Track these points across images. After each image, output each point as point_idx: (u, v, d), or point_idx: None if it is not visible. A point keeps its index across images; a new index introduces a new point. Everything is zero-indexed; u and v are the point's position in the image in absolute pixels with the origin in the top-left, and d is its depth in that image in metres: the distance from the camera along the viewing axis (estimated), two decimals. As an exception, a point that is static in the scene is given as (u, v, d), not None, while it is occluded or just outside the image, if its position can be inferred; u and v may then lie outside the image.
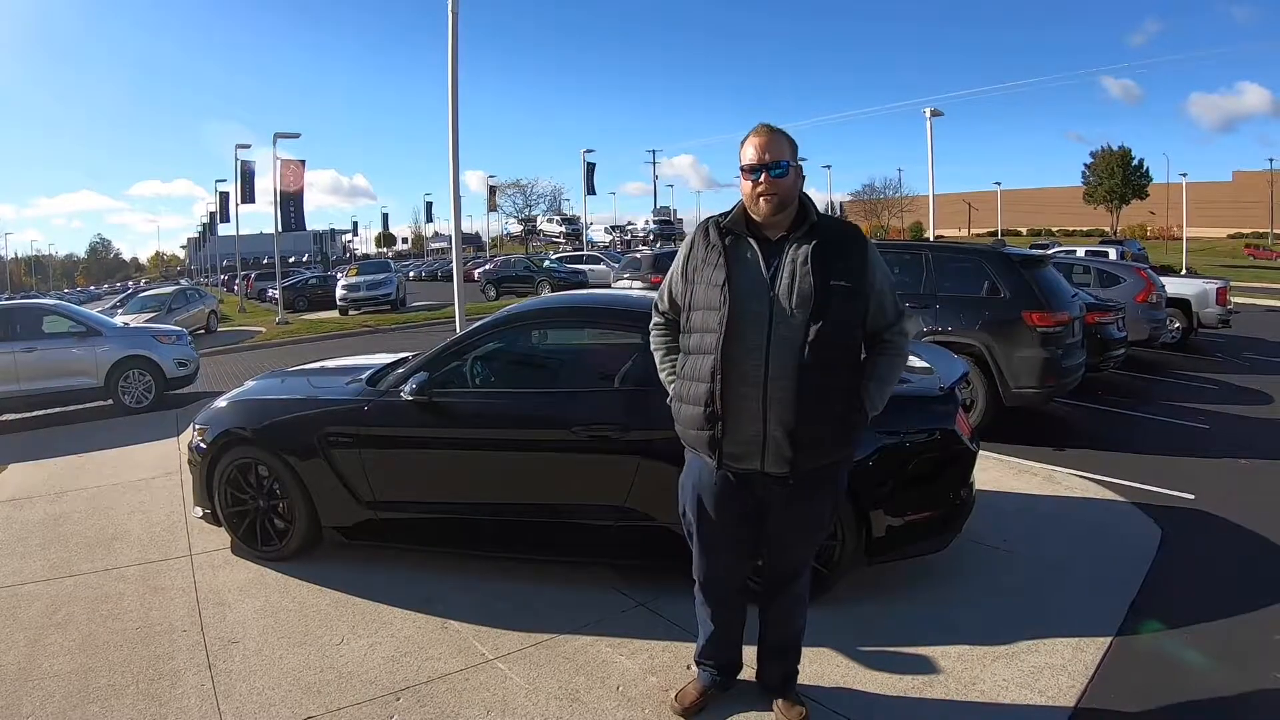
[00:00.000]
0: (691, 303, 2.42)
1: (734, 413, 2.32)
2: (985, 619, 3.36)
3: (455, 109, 9.83)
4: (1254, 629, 3.34)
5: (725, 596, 2.66)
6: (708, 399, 2.34)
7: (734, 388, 2.30)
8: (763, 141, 2.34)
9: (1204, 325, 13.04)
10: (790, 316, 2.27)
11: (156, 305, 20.14)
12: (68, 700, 2.90)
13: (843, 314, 2.31)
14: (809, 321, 2.26)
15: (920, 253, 7.62)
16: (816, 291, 2.26)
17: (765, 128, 2.38)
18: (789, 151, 2.36)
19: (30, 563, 4.25)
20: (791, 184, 2.35)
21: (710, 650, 2.73)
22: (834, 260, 2.31)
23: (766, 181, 2.31)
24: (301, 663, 3.12)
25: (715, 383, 2.31)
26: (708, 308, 2.35)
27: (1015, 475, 5.44)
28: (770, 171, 2.31)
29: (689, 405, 2.41)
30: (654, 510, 3.45)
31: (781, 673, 2.73)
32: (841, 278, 2.30)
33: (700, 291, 2.38)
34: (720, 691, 2.75)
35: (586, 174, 37.12)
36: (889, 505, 3.42)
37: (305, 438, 3.90)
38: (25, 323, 9.28)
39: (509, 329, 4.14)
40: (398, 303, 24.63)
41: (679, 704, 2.72)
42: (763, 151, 2.33)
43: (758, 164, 2.32)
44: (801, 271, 2.28)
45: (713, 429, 2.35)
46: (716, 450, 2.37)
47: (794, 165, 2.36)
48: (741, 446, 2.35)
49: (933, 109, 22.06)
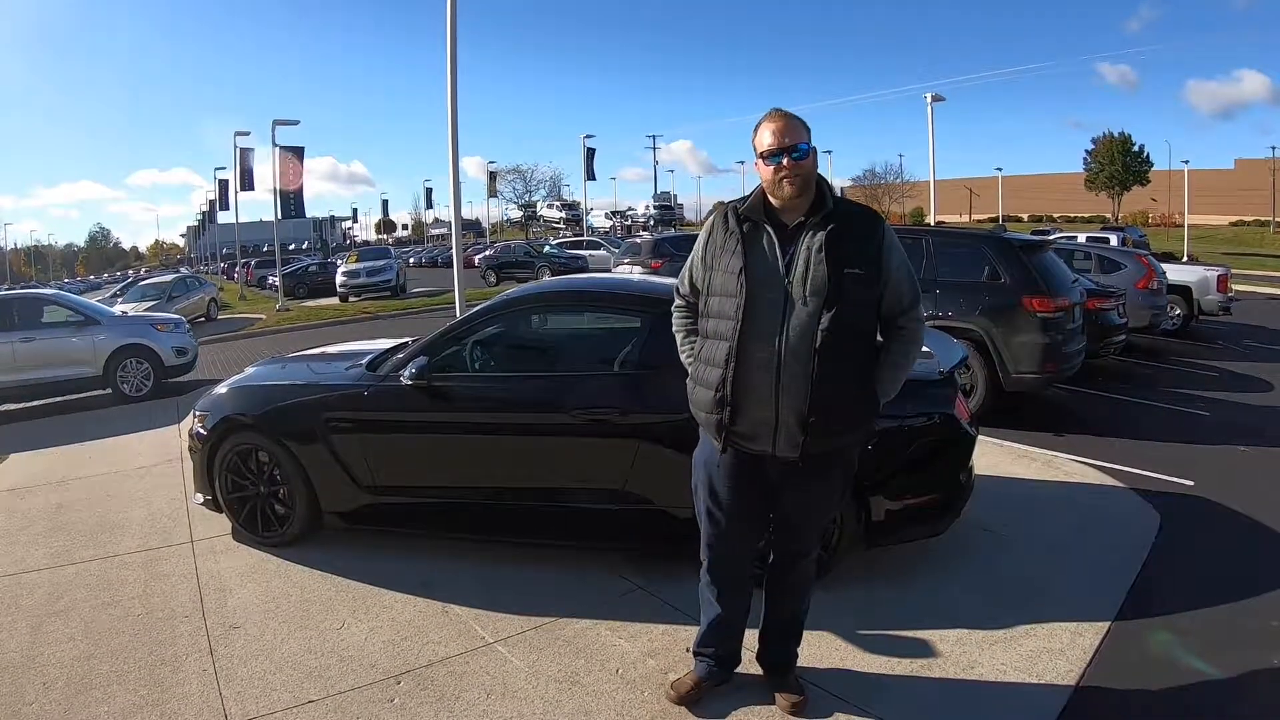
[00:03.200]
0: (710, 288, 2.44)
1: (746, 397, 2.34)
2: (984, 603, 3.37)
3: (454, 94, 9.79)
4: (1252, 615, 3.35)
5: (732, 578, 2.66)
6: (719, 384, 2.36)
7: (748, 373, 2.33)
8: (780, 126, 2.35)
9: (1204, 312, 13.01)
10: (804, 304, 2.29)
11: (156, 294, 20.15)
12: (70, 687, 2.91)
13: (856, 301, 2.32)
14: (822, 309, 2.28)
15: (921, 238, 7.58)
16: (830, 279, 2.28)
17: (780, 112, 2.39)
18: (806, 134, 2.37)
19: (32, 551, 4.26)
20: (811, 166, 2.37)
21: (711, 638, 2.72)
22: (849, 246, 2.32)
23: (790, 165, 2.32)
24: (302, 647, 3.14)
25: (729, 369, 2.34)
26: (725, 294, 2.37)
27: (1014, 460, 5.45)
28: (791, 155, 2.33)
29: (702, 388, 2.44)
30: (653, 494, 3.46)
31: (783, 655, 2.74)
32: (856, 265, 2.31)
33: (718, 278, 2.40)
34: (716, 684, 2.73)
35: (586, 159, 36.96)
36: (888, 489, 3.42)
37: (306, 423, 3.90)
38: (24, 312, 9.28)
39: (509, 313, 4.13)
40: (398, 289, 24.58)
41: (674, 692, 2.71)
42: (781, 135, 2.34)
43: (778, 148, 2.33)
44: (816, 259, 2.29)
45: (721, 413, 2.38)
46: (723, 434, 2.40)
47: (812, 147, 2.37)
48: (753, 429, 2.37)
49: (934, 94, 21.91)
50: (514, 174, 71.21)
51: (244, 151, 26.65)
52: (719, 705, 2.69)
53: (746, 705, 2.70)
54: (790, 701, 2.65)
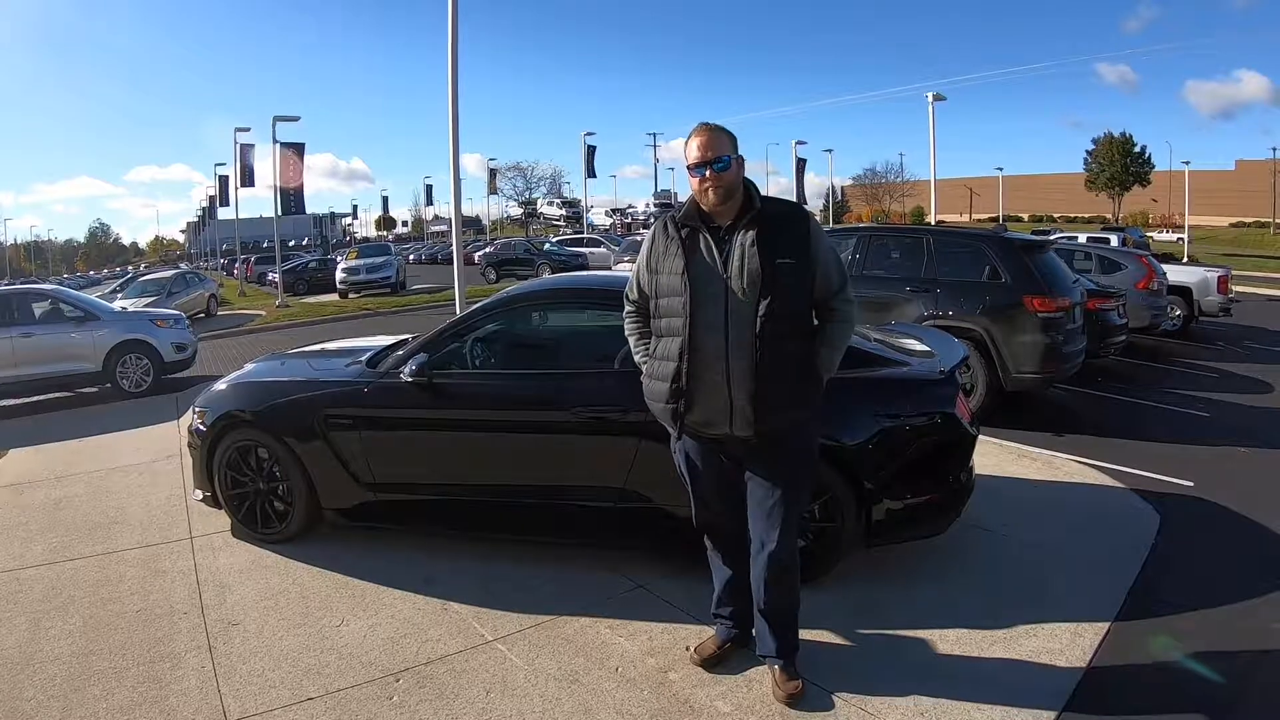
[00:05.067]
0: (658, 290, 2.64)
1: (700, 386, 2.55)
2: (984, 603, 3.37)
3: (455, 91, 9.76)
4: (1252, 616, 3.34)
5: (730, 545, 2.81)
6: (674, 376, 2.57)
7: (700, 364, 2.53)
8: (704, 140, 2.55)
9: (1205, 313, 13.00)
10: (743, 296, 2.49)
11: (156, 290, 20.08)
12: (69, 683, 2.91)
13: (790, 288, 2.51)
14: (759, 298, 2.48)
15: (921, 237, 7.58)
16: (763, 270, 2.47)
17: (705, 126, 2.59)
18: (729, 146, 2.57)
19: (31, 547, 4.25)
20: (734, 175, 2.57)
21: (726, 597, 2.88)
22: (778, 239, 2.52)
23: (712, 176, 2.53)
24: (301, 644, 3.14)
25: (683, 361, 2.55)
26: (672, 294, 2.58)
27: (1015, 460, 5.45)
28: (714, 167, 2.53)
29: (658, 382, 2.65)
30: (654, 492, 3.46)
31: (773, 644, 2.75)
32: (786, 255, 2.51)
33: (664, 280, 2.60)
34: (738, 647, 2.89)
35: (587, 157, 36.91)
36: (888, 488, 3.42)
37: (305, 420, 3.89)
38: (23, 308, 9.28)
39: (509, 311, 4.12)
40: (398, 286, 24.58)
41: (698, 655, 2.89)
42: (705, 150, 2.54)
43: (701, 161, 2.54)
44: (750, 253, 2.49)
45: (676, 404, 2.60)
46: (678, 422, 2.62)
47: (735, 158, 2.57)
48: (710, 415, 2.57)
49: (935, 94, 21.87)
50: (514, 171, 71.25)
51: (244, 148, 26.52)
52: (738, 668, 2.83)
53: (759, 691, 2.74)
54: (787, 691, 2.68)
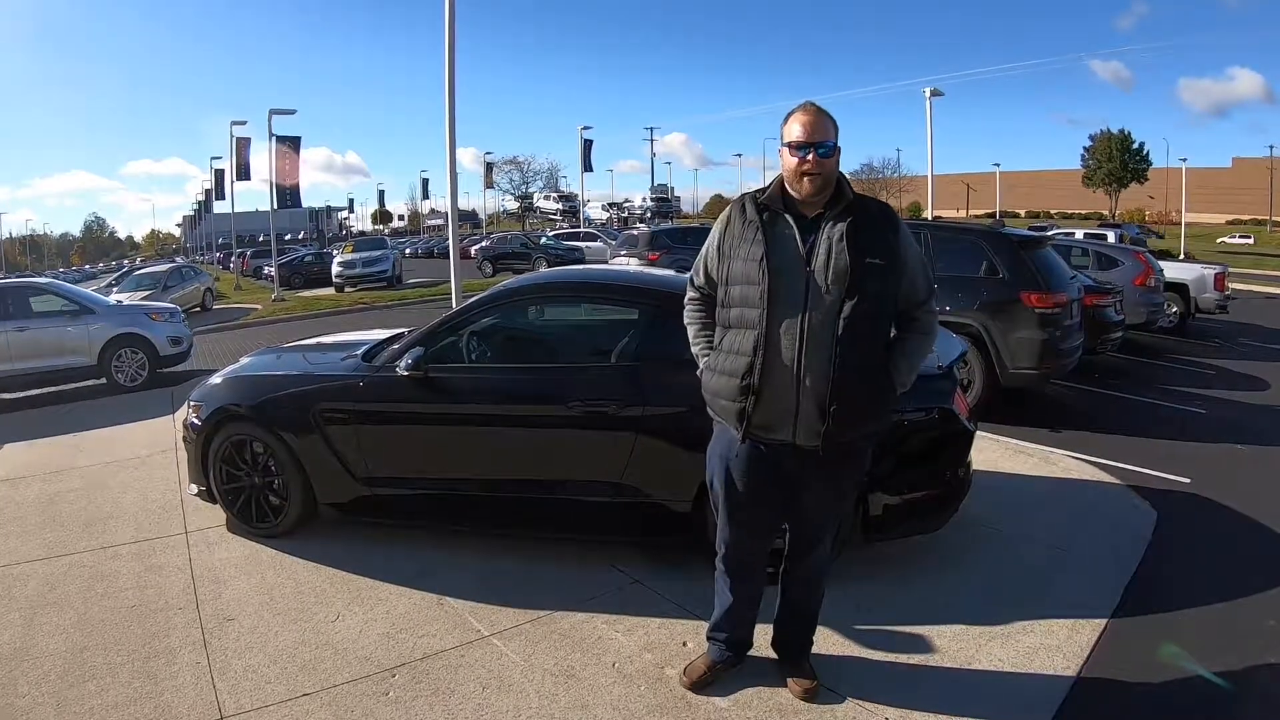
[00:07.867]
0: (729, 278, 2.42)
1: (769, 386, 2.34)
2: (981, 599, 3.36)
3: (452, 85, 9.75)
4: (1248, 613, 3.35)
5: (746, 569, 2.68)
6: (746, 371, 2.35)
7: (770, 361, 2.33)
8: (811, 120, 2.35)
9: (1201, 310, 13.01)
10: (826, 293, 2.29)
11: (152, 283, 19.97)
12: (63, 679, 2.89)
13: (877, 291, 2.33)
14: (844, 298, 2.29)
15: (919, 232, 7.55)
16: (852, 269, 2.28)
17: (813, 106, 2.39)
18: (834, 132, 2.38)
19: (25, 542, 4.23)
20: (835, 165, 2.38)
21: (724, 624, 2.76)
22: (869, 238, 2.33)
23: (814, 160, 2.33)
24: (297, 639, 3.12)
25: (757, 356, 2.33)
26: (746, 282, 2.36)
27: (1012, 456, 5.45)
28: (817, 150, 2.33)
29: (724, 376, 2.42)
30: (651, 486, 3.45)
31: (798, 644, 2.76)
32: (876, 256, 2.32)
33: (738, 267, 2.39)
34: (729, 668, 2.77)
35: (583, 151, 36.82)
36: (886, 484, 3.40)
37: (300, 414, 3.87)
38: (17, 302, 9.19)
39: (505, 304, 4.10)
40: (394, 280, 24.51)
41: (687, 678, 2.75)
42: (810, 130, 2.34)
43: (805, 141, 2.33)
44: (838, 249, 2.30)
45: (744, 402, 2.38)
46: (744, 422, 2.40)
47: (838, 146, 2.38)
48: (774, 418, 2.37)
49: (933, 89, 21.87)
50: (511, 165, 70.92)
51: (240, 141, 26.41)
52: (730, 686, 2.73)
53: (757, 687, 2.73)
54: (803, 687, 2.67)
